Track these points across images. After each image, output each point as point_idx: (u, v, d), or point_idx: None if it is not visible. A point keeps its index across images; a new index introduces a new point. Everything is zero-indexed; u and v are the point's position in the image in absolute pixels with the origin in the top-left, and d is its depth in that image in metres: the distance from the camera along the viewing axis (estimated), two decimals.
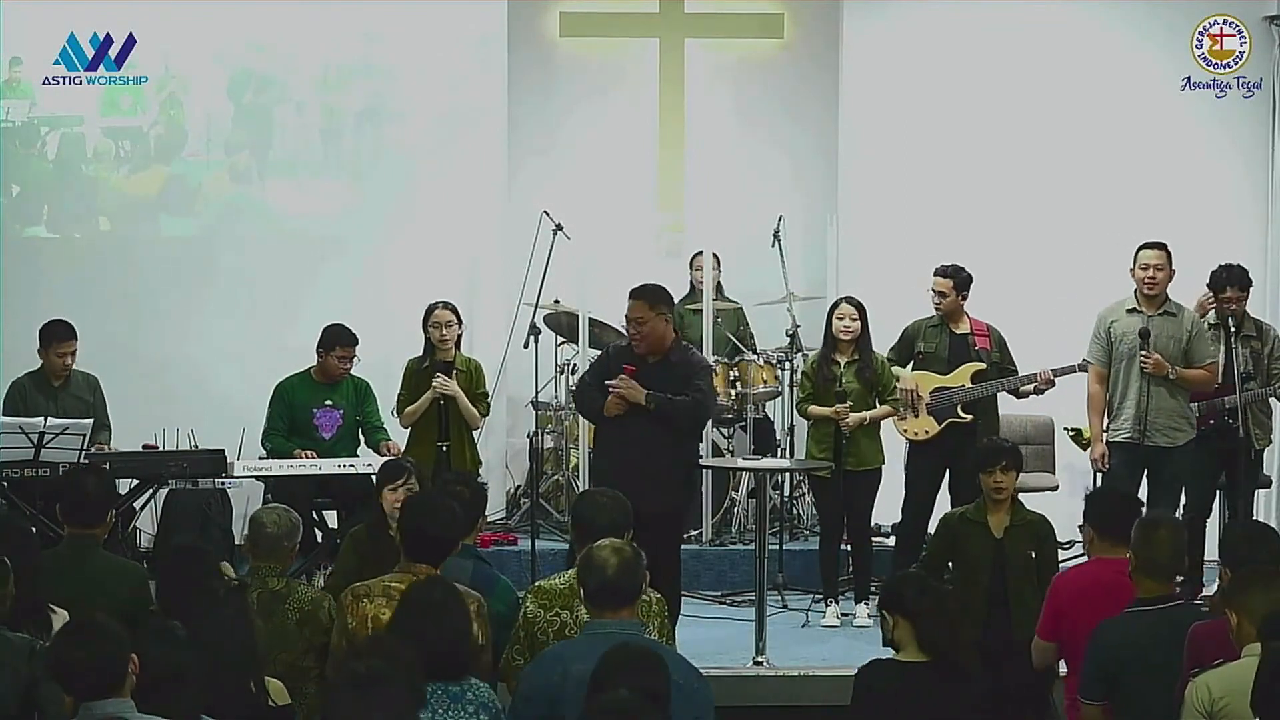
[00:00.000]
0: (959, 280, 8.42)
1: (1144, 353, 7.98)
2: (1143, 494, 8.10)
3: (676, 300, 9.99)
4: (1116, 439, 8.12)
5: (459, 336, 8.51)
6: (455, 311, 8.48)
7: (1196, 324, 8.16)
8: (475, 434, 8.67)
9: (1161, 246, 8.12)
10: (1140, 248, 8.17)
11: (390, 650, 4.35)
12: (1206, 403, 8.20)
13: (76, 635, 4.38)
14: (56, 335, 8.68)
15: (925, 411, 8.32)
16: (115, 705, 4.23)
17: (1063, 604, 5.79)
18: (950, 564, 6.70)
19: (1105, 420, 8.21)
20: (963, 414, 8.33)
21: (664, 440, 7.30)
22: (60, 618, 5.30)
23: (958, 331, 8.49)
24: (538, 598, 5.41)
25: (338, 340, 8.68)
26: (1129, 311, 8.14)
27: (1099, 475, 8.31)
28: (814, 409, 8.18)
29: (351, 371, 8.79)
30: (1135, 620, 5.44)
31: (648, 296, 7.38)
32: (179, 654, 4.47)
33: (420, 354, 8.56)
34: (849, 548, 8.39)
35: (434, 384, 8.30)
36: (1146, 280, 8.08)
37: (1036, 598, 6.45)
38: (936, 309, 8.47)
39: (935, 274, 8.46)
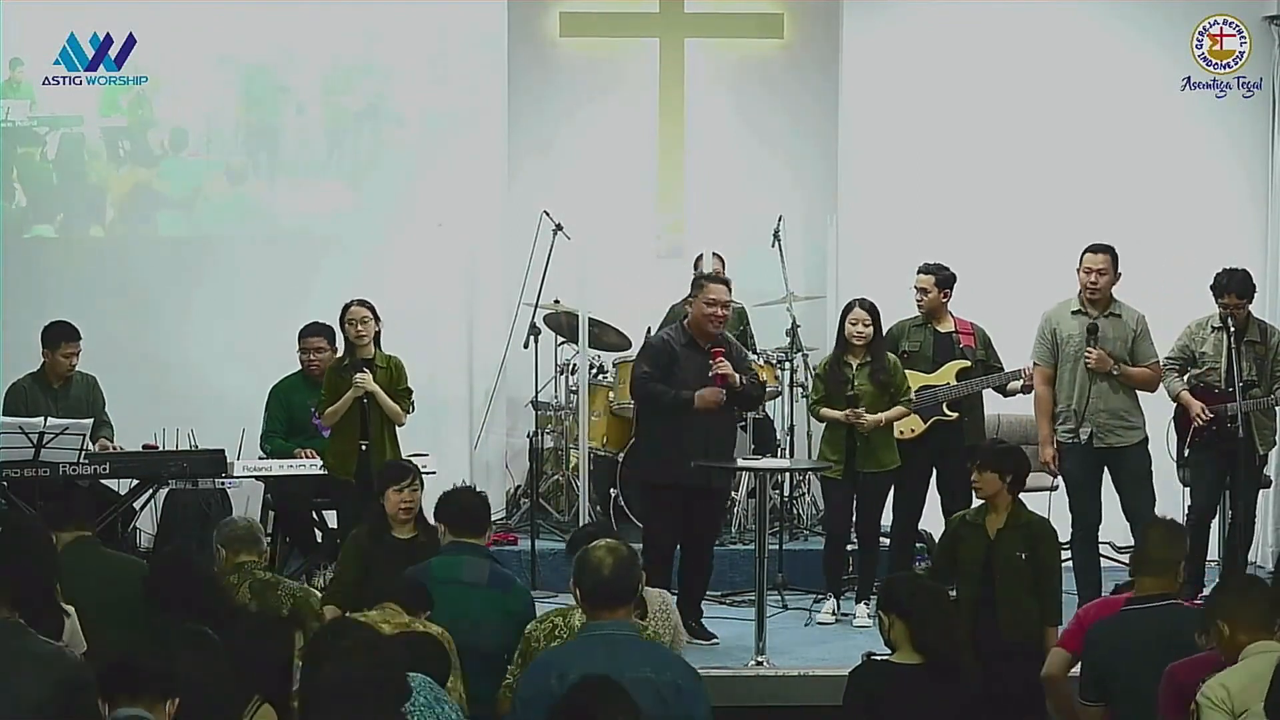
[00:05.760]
0: (941, 278, 8.44)
1: (1089, 349, 8.01)
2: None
3: (679, 300, 10.07)
4: (1066, 441, 8.15)
5: (377, 333, 8.22)
6: (372, 309, 8.21)
7: (1141, 323, 8.19)
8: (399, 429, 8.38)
9: (1107, 250, 8.13)
10: (1085, 250, 8.17)
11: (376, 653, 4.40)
12: (1215, 407, 8.19)
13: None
14: (62, 336, 8.69)
15: (911, 409, 8.33)
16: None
17: None
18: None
19: (1053, 422, 8.23)
20: (948, 412, 8.33)
21: (729, 422, 7.96)
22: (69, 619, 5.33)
23: (942, 330, 8.50)
24: (536, 620, 5.51)
25: (313, 332, 8.81)
26: (1074, 313, 8.17)
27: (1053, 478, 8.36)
28: (826, 411, 8.16)
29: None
30: (1128, 619, 5.47)
31: (728, 282, 8.03)
32: (216, 665, 4.49)
33: (341, 355, 8.35)
34: (854, 548, 8.38)
35: (354, 382, 8.07)
36: (1088, 284, 8.11)
37: (1031, 600, 6.41)
38: (919, 305, 8.49)
39: (918, 271, 8.50)
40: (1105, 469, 8.18)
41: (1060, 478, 8.33)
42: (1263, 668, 4.61)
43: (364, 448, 8.02)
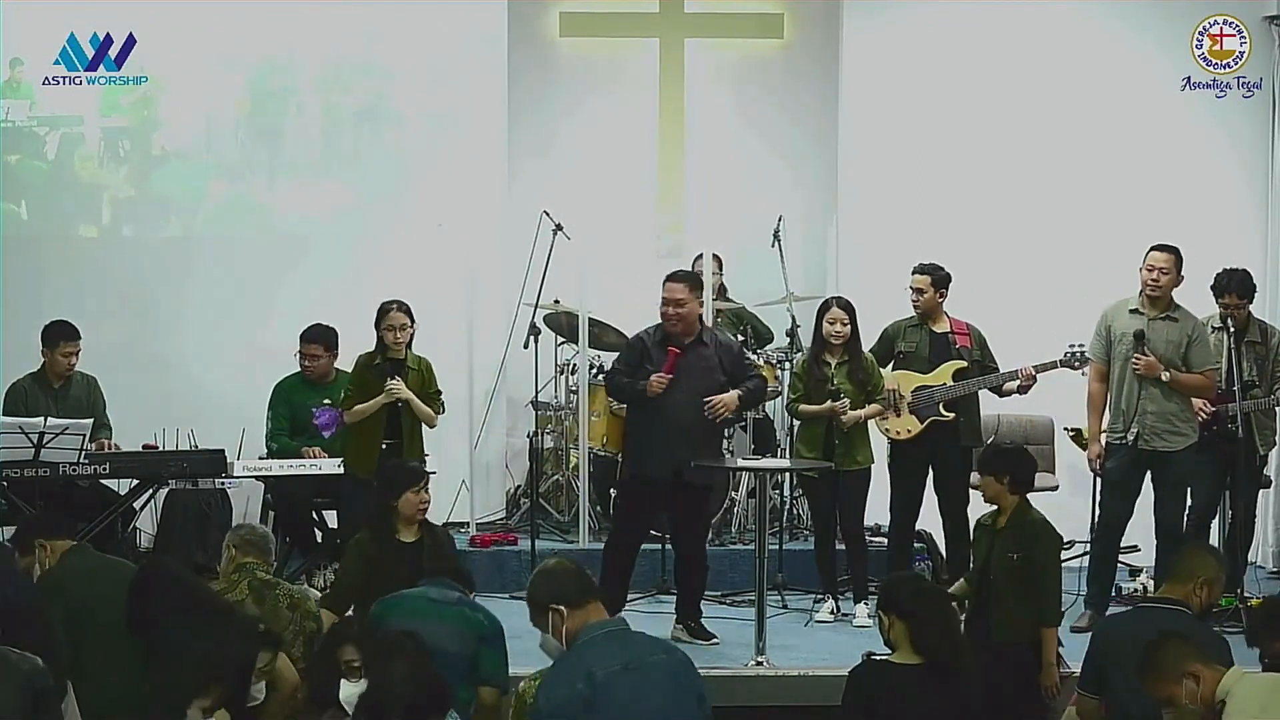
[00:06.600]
0: (937, 278, 8.42)
1: (1137, 355, 7.96)
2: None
3: None
4: (1114, 441, 8.10)
5: (411, 336, 8.23)
6: (409, 312, 8.20)
7: (1199, 329, 8.09)
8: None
9: (1172, 250, 8.05)
10: (1151, 248, 8.11)
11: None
12: (1215, 407, 8.18)
13: None
14: (61, 335, 8.70)
15: (907, 410, 8.32)
16: None
17: None
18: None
19: (1104, 419, 8.20)
20: (944, 412, 8.33)
21: (710, 421, 7.77)
22: None
23: (938, 330, 8.48)
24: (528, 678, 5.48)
25: (311, 338, 8.87)
26: (1131, 312, 8.10)
27: (1097, 476, 8.31)
28: (806, 408, 8.19)
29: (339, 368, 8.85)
30: (1135, 616, 5.50)
31: (688, 280, 7.84)
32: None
33: (371, 350, 8.23)
34: (844, 547, 8.39)
35: (387, 388, 8.02)
36: (1149, 282, 8.03)
37: (1022, 601, 6.37)
38: (914, 306, 8.47)
39: (914, 271, 8.47)
40: (1150, 472, 8.07)
41: (1099, 476, 8.23)
42: (1272, 682, 4.61)
43: (385, 447, 8.01)
